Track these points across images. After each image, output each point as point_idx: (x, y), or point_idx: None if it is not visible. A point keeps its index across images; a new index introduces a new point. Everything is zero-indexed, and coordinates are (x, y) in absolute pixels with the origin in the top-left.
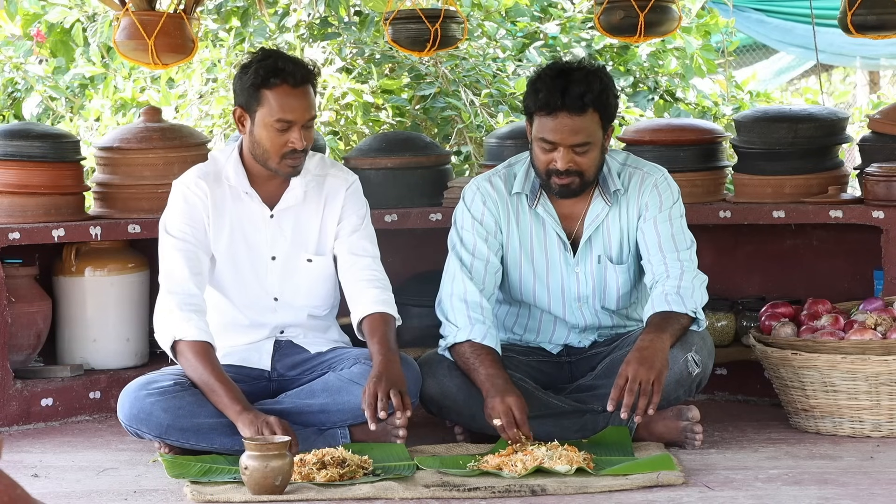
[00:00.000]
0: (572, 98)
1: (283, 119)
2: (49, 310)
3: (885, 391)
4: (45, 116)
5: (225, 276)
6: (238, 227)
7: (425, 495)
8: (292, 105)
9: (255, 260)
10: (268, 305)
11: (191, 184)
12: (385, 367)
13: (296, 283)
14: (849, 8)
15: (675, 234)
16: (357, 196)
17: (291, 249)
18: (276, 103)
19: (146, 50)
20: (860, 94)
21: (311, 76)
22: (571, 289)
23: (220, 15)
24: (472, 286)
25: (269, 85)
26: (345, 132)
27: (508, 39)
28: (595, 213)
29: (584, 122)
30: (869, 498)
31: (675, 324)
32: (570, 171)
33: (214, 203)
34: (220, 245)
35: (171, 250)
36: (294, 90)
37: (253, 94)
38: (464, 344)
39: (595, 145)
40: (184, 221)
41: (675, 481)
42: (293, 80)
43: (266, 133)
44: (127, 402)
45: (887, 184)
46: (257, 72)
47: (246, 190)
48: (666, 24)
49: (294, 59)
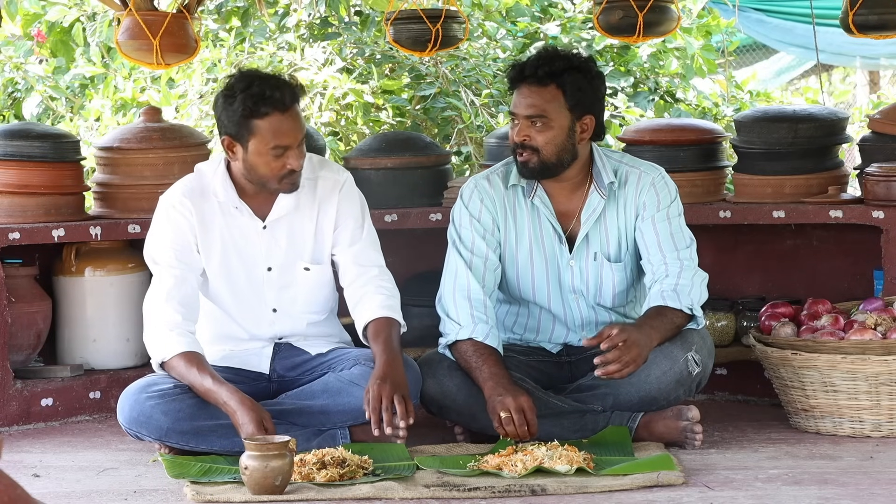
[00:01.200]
0: (531, 68)
1: (278, 146)
2: (49, 310)
3: (885, 391)
4: (45, 116)
5: (220, 291)
6: (230, 241)
7: (425, 495)
8: (285, 130)
9: (250, 272)
10: (265, 317)
11: (175, 203)
12: (389, 369)
13: (294, 293)
14: (850, 8)
15: (674, 233)
16: (351, 195)
17: (287, 259)
18: (269, 132)
19: (150, 50)
20: (860, 94)
21: (296, 96)
22: (566, 280)
23: (221, 15)
24: (475, 283)
25: (259, 115)
26: (345, 132)
27: (509, 40)
28: (591, 207)
29: (543, 95)
30: (869, 498)
31: (667, 321)
32: (524, 145)
33: (201, 220)
34: (212, 261)
35: (156, 276)
36: (284, 115)
37: (244, 125)
38: (465, 342)
39: (554, 123)
40: (169, 246)
41: (675, 481)
42: (282, 105)
43: (262, 160)
44: (127, 405)
45: (887, 184)
46: (245, 102)
47: (236, 204)
48: (665, 24)
49: (277, 82)
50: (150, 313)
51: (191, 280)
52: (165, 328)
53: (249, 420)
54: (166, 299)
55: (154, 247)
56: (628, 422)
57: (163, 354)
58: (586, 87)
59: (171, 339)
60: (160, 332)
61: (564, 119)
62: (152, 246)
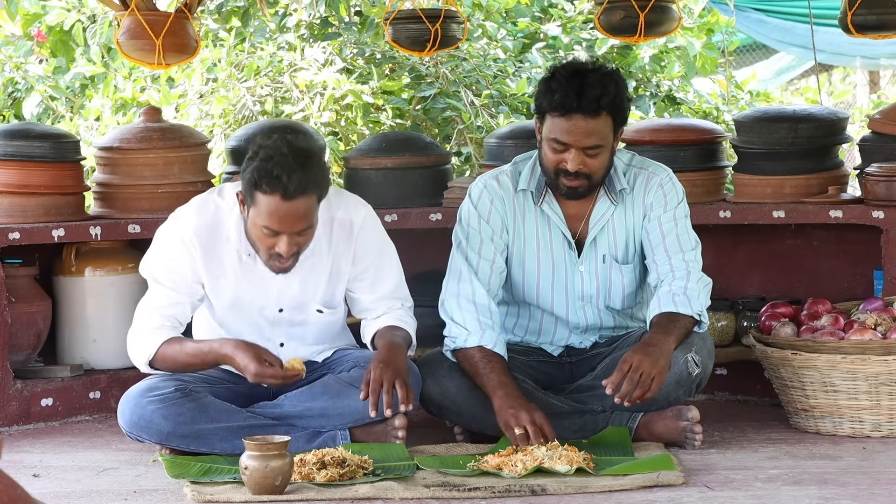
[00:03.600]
0: (588, 100)
1: (269, 227)
2: (49, 310)
3: (885, 391)
4: (46, 116)
5: (229, 321)
6: (244, 282)
7: (425, 495)
8: (279, 217)
9: (261, 311)
10: (272, 349)
11: (185, 238)
12: (391, 354)
13: (304, 331)
14: (849, 8)
15: (680, 235)
16: (367, 237)
17: (300, 302)
18: (264, 210)
19: (152, 50)
20: (860, 94)
21: (310, 186)
22: (575, 287)
23: (221, 15)
24: (480, 288)
25: (261, 189)
26: (345, 133)
27: (509, 40)
28: (601, 212)
29: (598, 124)
30: (869, 498)
31: (681, 327)
32: (579, 174)
33: (209, 259)
34: (222, 298)
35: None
36: (285, 202)
37: (248, 191)
38: (473, 349)
39: (606, 148)
40: (169, 274)
41: (675, 481)
42: (284, 192)
43: (256, 231)
44: (127, 409)
45: (887, 184)
46: (254, 171)
47: (248, 252)
48: (666, 24)
49: (296, 164)
50: (137, 320)
51: (185, 304)
52: (146, 331)
53: (249, 359)
54: (158, 311)
55: (155, 266)
56: (628, 422)
57: (148, 352)
58: (626, 103)
59: (151, 338)
60: (141, 335)
61: (611, 138)
62: (154, 264)
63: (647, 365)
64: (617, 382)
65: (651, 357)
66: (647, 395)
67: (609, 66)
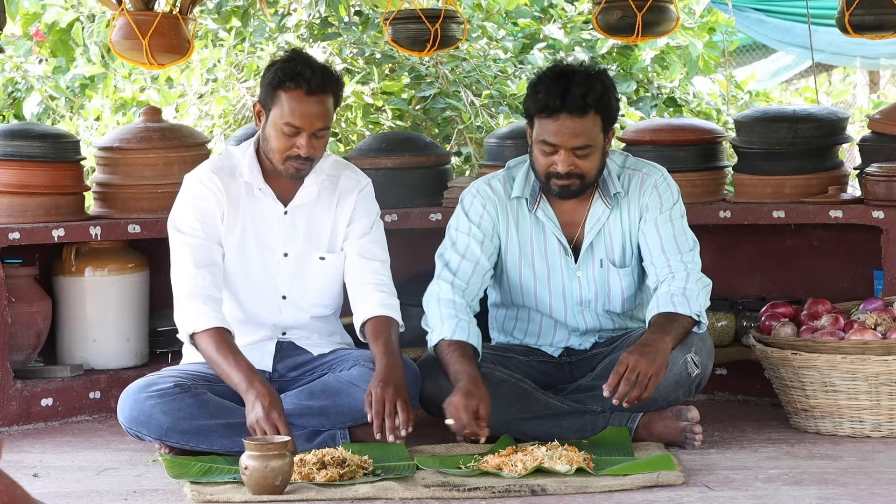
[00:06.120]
0: (573, 99)
1: (290, 124)
2: (49, 310)
3: (885, 391)
4: (45, 116)
5: (232, 272)
6: (251, 223)
7: (425, 495)
8: (302, 111)
9: (266, 257)
10: (274, 303)
11: (203, 178)
12: (390, 373)
13: (306, 281)
14: (846, 8)
15: (677, 235)
16: (369, 199)
17: (304, 247)
18: (287, 107)
19: (141, 50)
20: (860, 94)
21: (329, 85)
22: (573, 293)
23: (220, 15)
24: (445, 285)
25: (284, 87)
26: (345, 133)
27: (509, 40)
28: (596, 216)
29: (586, 124)
30: (869, 498)
31: (679, 326)
32: (570, 174)
33: (229, 198)
34: (230, 240)
35: (181, 246)
36: (307, 97)
37: (270, 93)
38: (439, 345)
39: (596, 148)
40: (194, 217)
41: (675, 481)
42: (308, 86)
43: (274, 133)
44: (127, 405)
45: (887, 184)
46: (276, 72)
47: (260, 186)
48: (664, 24)
49: (316, 66)
50: (179, 283)
51: (214, 249)
52: (196, 297)
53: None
54: (194, 266)
55: (179, 217)
56: (628, 422)
57: (194, 326)
58: (615, 102)
59: (202, 312)
60: (191, 301)
61: (601, 138)
62: (178, 216)
63: (644, 365)
64: (614, 384)
65: (647, 357)
66: (644, 396)
67: (596, 66)
